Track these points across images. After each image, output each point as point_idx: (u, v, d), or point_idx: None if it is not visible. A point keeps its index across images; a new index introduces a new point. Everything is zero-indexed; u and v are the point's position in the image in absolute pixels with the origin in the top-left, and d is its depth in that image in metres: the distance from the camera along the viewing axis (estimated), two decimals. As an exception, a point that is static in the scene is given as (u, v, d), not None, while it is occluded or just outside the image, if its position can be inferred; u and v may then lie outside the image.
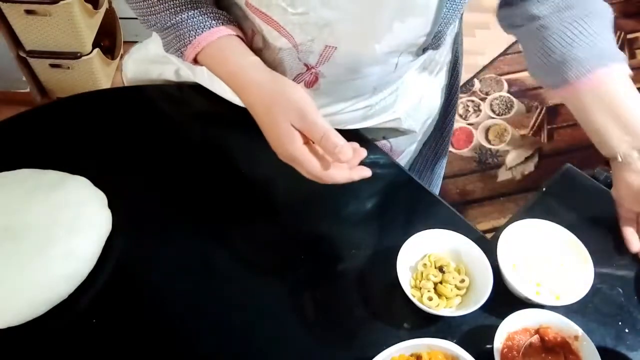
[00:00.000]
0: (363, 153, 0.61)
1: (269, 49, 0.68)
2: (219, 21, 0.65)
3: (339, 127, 0.81)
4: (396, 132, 0.88)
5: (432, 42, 0.67)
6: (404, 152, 0.94)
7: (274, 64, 0.70)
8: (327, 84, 0.72)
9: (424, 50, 0.70)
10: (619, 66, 0.69)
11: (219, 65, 0.66)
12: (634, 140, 0.68)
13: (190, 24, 0.64)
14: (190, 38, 0.64)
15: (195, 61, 0.67)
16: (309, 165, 0.59)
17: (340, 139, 0.57)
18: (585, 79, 0.68)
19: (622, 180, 0.70)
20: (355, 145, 0.60)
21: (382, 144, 0.89)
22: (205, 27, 0.64)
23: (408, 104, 0.84)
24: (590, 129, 0.72)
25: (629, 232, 0.72)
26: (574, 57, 0.68)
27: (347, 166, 0.61)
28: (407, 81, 0.80)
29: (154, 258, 0.69)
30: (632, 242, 0.71)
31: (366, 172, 0.62)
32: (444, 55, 0.85)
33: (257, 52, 0.70)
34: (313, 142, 0.60)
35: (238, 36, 0.66)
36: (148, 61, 0.90)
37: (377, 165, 0.80)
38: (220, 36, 0.65)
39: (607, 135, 0.69)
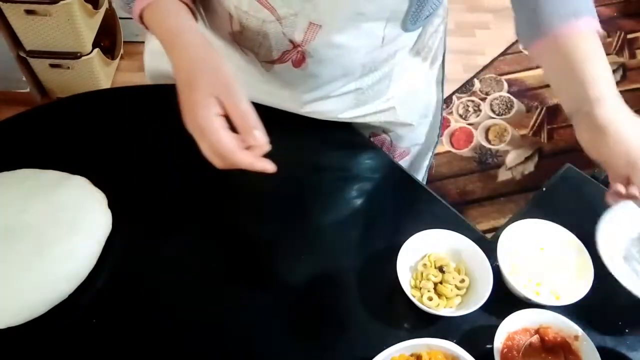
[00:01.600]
0: (266, 148, 0.57)
1: (252, 25, 0.68)
2: None
3: (332, 118, 0.81)
4: (394, 125, 0.87)
5: (417, 9, 0.66)
6: (405, 150, 0.94)
7: (258, 39, 0.69)
8: (315, 63, 0.71)
9: (412, 22, 0.69)
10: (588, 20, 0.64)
11: (158, 23, 0.63)
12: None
13: None
14: None
15: (142, 20, 0.64)
16: (216, 136, 0.55)
17: (259, 125, 0.56)
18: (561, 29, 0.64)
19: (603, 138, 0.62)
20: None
21: (382, 138, 0.88)
22: None
23: (402, 90, 0.83)
24: (567, 80, 0.65)
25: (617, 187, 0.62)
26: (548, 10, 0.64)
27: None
28: (400, 65, 0.79)
29: (153, 258, 0.69)
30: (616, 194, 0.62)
31: (269, 166, 0.57)
32: (436, 42, 0.84)
33: (236, 34, 0.70)
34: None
35: (187, 5, 0.64)
36: (160, 53, 0.89)
37: (377, 164, 0.80)
38: None
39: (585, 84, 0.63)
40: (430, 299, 0.64)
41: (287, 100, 0.81)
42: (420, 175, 1.05)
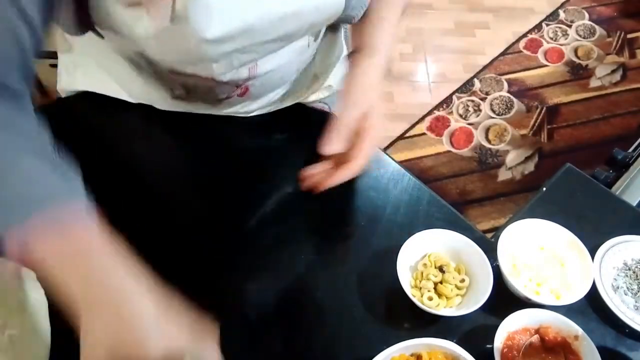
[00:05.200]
0: None
1: (198, 86, 0.71)
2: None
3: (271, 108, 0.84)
4: (332, 97, 0.91)
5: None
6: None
7: (204, 90, 0.73)
8: (257, 88, 0.75)
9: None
10: None
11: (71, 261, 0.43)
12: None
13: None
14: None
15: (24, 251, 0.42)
16: None
17: None
18: None
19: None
20: None
21: (321, 105, 0.91)
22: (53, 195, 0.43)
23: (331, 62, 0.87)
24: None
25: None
26: None
27: None
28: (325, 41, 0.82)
29: (153, 257, 0.69)
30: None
31: None
32: None
33: (181, 96, 0.75)
34: None
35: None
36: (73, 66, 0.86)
37: (376, 165, 0.80)
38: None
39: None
40: (431, 298, 0.64)
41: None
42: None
